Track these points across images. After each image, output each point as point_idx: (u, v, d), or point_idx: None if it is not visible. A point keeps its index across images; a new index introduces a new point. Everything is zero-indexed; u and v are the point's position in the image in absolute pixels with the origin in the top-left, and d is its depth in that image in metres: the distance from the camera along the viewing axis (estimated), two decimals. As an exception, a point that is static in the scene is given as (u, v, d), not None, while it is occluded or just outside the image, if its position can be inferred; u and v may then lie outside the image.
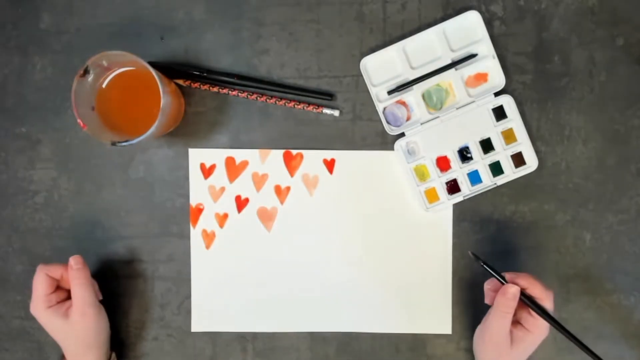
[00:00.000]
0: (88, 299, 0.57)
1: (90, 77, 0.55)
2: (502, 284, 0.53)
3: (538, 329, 0.53)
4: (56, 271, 0.57)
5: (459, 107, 0.61)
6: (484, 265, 0.54)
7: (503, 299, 0.53)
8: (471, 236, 0.62)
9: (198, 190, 0.63)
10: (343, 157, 0.62)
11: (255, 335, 0.63)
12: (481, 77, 0.61)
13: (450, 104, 0.62)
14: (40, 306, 0.56)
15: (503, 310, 0.53)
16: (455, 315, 0.63)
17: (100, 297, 0.59)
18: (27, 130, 0.63)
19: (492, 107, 0.61)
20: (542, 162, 0.62)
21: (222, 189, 0.63)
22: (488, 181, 0.62)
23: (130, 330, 0.63)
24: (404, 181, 0.62)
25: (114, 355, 0.61)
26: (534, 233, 0.62)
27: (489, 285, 0.56)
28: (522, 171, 0.61)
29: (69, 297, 0.58)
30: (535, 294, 0.53)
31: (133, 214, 0.63)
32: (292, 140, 0.63)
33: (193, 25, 0.62)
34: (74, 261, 0.57)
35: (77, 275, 0.57)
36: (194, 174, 0.63)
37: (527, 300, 0.53)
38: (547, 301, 0.53)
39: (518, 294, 0.52)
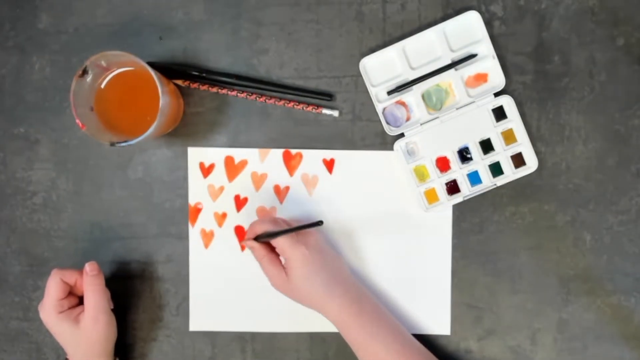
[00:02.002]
0: (101, 306, 0.57)
1: (89, 77, 0.55)
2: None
3: (284, 252, 0.56)
4: (71, 277, 0.57)
5: (459, 108, 0.61)
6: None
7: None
8: (471, 237, 0.62)
9: (197, 190, 0.63)
10: (343, 157, 0.62)
11: (254, 336, 0.63)
12: (481, 78, 0.61)
13: (450, 104, 0.61)
14: (51, 311, 0.56)
15: (257, 258, 0.58)
16: (455, 316, 0.62)
17: (112, 306, 0.59)
18: (25, 131, 0.63)
19: (492, 107, 0.61)
20: (542, 162, 0.62)
21: (221, 188, 0.63)
22: (488, 182, 0.61)
23: (129, 331, 0.63)
24: (403, 182, 0.62)
25: None
26: (534, 233, 0.62)
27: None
28: (522, 172, 0.61)
29: (79, 304, 0.58)
30: (258, 230, 0.57)
31: (132, 215, 0.63)
32: (292, 141, 0.62)
33: (192, 26, 0.62)
34: (90, 267, 0.57)
35: (92, 282, 0.57)
36: (193, 173, 0.63)
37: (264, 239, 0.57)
38: (259, 226, 0.57)
39: (254, 245, 0.57)
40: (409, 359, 0.56)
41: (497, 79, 0.61)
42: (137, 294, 0.63)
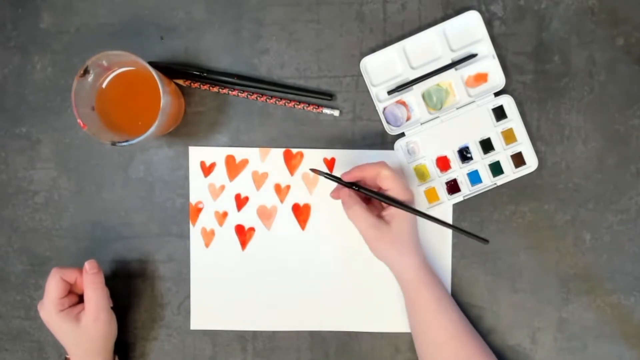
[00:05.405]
0: (102, 304, 0.57)
1: (90, 77, 0.55)
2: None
3: (403, 197, 0.56)
4: (71, 275, 0.57)
5: (459, 107, 0.61)
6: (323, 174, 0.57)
7: (343, 202, 0.57)
8: (471, 236, 0.62)
9: (198, 189, 0.63)
10: (343, 156, 0.62)
11: (255, 335, 0.63)
12: (481, 77, 0.61)
13: (450, 104, 0.62)
14: (52, 310, 0.56)
15: (346, 207, 0.57)
16: (455, 315, 0.63)
17: (112, 304, 0.59)
18: (27, 130, 0.63)
19: (492, 107, 0.61)
20: (542, 162, 0.62)
21: (222, 187, 0.63)
22: (488, 181, 0.62)
23: (130, 330, 0.63)
24: (404, 181, 0.62)
25: (117, 358, 0.61)
26: (534, 233, 0.62)
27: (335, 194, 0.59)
28: (522, 171, 0.61)
29: (79, 302, 0.59)
30: (371, 177, 0.57)
31: (133, 214, 0.63)
32: (292, 141, 0.63)
33: (193, 25, 0.62)
34: (90, 266, 0.57)
35: (92, 280, 0.57)
36: (194, 172, 0.63)
37: (364, 191, 0.57)
38: (380, 178, 0.56)
39: (346, 196, 0.57)
40: (465, 344, 0.57)
41: (497, 78, 0.61)
42: (138, 293, 0.63)
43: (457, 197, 0.62)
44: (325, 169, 0.62)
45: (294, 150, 0.63)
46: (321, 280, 0.63)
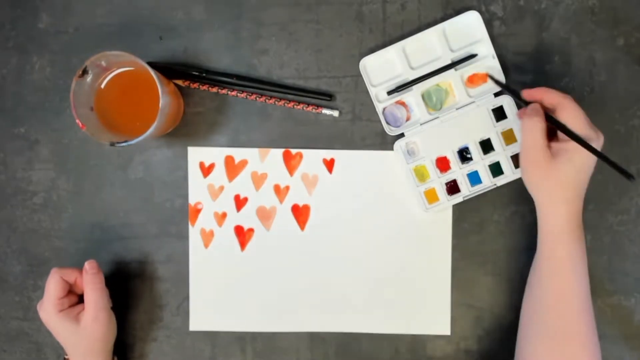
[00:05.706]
0: (101, 304, 0.57)
1: (89, 78, 0.55)
2: (523, 102, 0.55)
3: (582, 129, 0.52)
4: (71, 275, 0.57)
5: (459, 108, 0.61)
6: (498, 84, 0.56)
7: (526, 112, 0.53)
8: (471, 237, 0.62)
9: (197, 189, 0.63)
10: (343, 156, 0.62)
11: (254, 336, 0.63)
12: (481, 78, 0.61)
13: (450, 104, 0.61)
14: (51, 310, 0.56)
15: (526, 115, 0.53)
16: (454, 316, 0.62)
17: (111, 304, 0.59)
18: (25, 131, 0.63)
19: (492, 107, 0.61)
20: (542, 162, 0.61)
21: (221, 188, 0.63)
22: (488, 182, 0.61)
23: (129, 331, 0.63)
24: (403, 182, 0.62)
25: (116, 359, 0.61)
26: (534, 233, 0.62)
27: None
28: (522, 171, 0.61)
29: (79, 302, 0.59)
30: (551, 104, 0.53)
31: (132, 215, 0.63)
32: (291, 141, 0.62)
33: (192, 26, 0.62)
34: (90, 266, 0.57)
35: (92, 280, 0.57)
36: (193, 172, 0.63)
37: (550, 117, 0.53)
38: (562, 108, 0.52)
39: (538, 107, 0.53)
40: (585, 318, 0.53)
41: (497, 78, 0.61)
42: (137, 294, 0.63)
43: (457, 198, 0.62)
44: (324, 170, 0.62)
45: (293, 151, 0.62)
46: (320, 281, 0.62)
